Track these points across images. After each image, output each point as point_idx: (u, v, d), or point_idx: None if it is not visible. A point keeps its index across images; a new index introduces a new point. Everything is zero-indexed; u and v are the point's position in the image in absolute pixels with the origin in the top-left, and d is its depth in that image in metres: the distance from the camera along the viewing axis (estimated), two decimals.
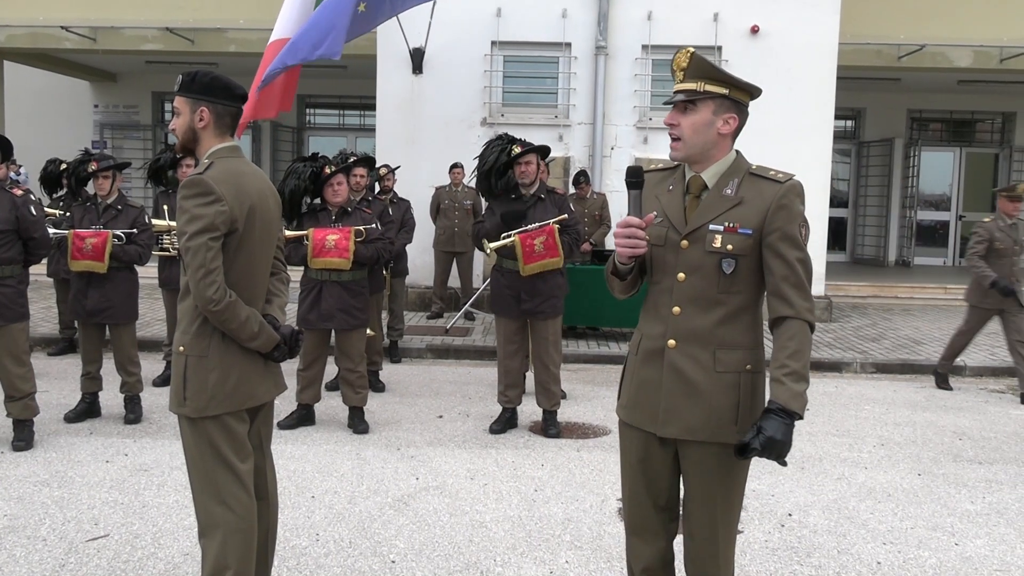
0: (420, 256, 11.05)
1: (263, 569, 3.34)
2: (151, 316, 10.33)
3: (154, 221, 6.87)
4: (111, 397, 6.78)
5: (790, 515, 4.89)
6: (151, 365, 7.94)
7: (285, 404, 6.51)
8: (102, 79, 17.31)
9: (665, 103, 2.69)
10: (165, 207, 7.29)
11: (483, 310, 11.16)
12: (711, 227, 2.64)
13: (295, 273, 5.51)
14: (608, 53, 11.72)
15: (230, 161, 3.12)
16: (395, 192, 9.01)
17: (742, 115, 2.69)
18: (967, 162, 18.06)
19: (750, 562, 4.24)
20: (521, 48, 11.96)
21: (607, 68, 11.74)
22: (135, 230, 6.39)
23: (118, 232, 6.31)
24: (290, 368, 5.73)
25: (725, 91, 2.63)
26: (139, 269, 6.63)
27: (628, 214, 2.66)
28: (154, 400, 6.91)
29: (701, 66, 2.62)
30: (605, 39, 11.66)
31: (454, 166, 10.89)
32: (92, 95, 17.65)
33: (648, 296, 2.80)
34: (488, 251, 6.32)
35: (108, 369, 6.64)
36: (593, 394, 7.74)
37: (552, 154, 8.29)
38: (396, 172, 9.28)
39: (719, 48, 11.71)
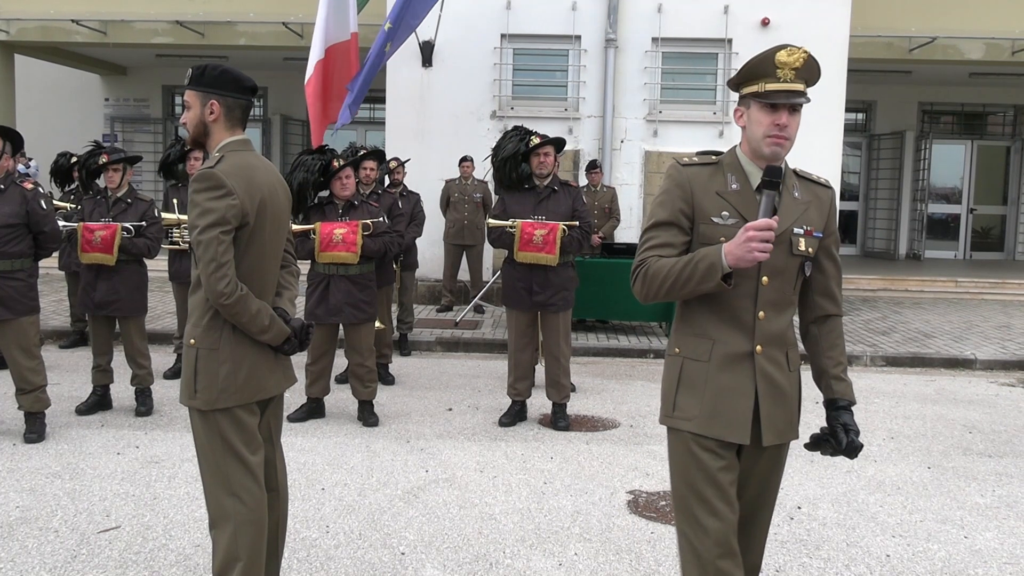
0: (430, 249, 11.06)
1: (273, 561, 3.36)
2: (162, 309, 10.37)
3: (163, 215, 6.90)
4: (122, 390, 6.81)
5: (799, 508, 4.89)
6: (162, 358, 7.98)
7: (295, 397, 6.53)
8: (112, 72, 17.36)
9: (780, 103, 2.55)
10: (175, 201, 7.32)
11: (493, 303, 11.16)
12: (795, 230, 2.62)
13: (302, 267, 5.52)
14: (618, 46, 11.69)
15: (241, 154, 3.12)
16: (405, 185, 9.02)
17: None
18: (978, 155, 17.95)
19: None
20: (531, 41, 11.95)
21: (617, 61, 11.71)
22: (144, 223, 6.42)
23: (127, 225, 6.33)
24: (299, 361, 5.75)
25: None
26: (149, 262, 6.65)
27: (760, 216, 2.49)
28: (165, 393, 6.94)
29: (813, 68, 2.57)
30: (615, 32, 11.64)
31: (464, 159, 10.89)
32: (103, 88, 17.70)
33: (715, 301, 2.63)
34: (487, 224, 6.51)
35: (119, 362, 6.67)
36: (602, 387, 7.74)
37: None
38: (406, 165, 9.29)
39: (729, 41, 11.69)
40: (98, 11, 13.60)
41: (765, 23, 11.60)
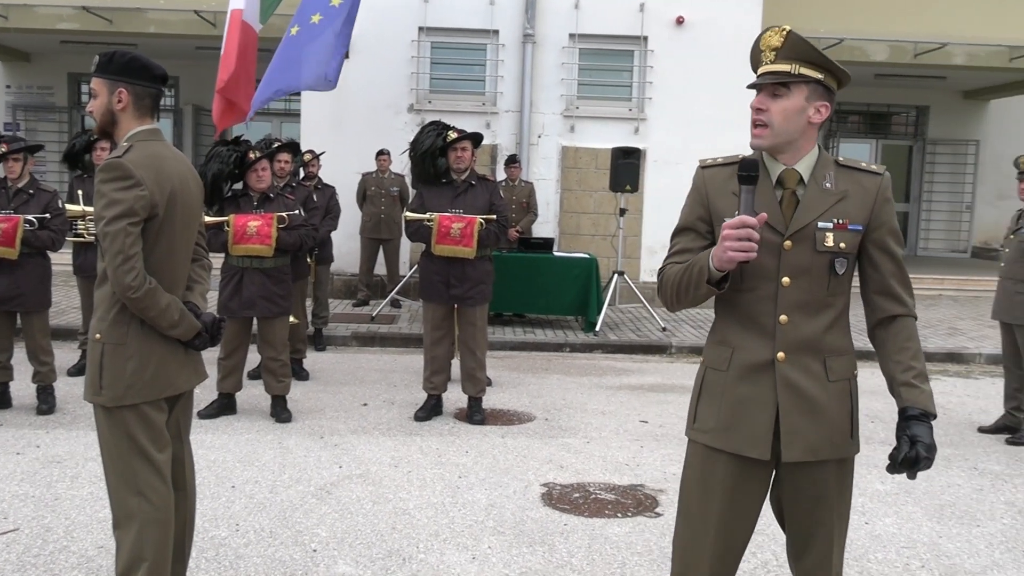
0: (346, 243, 10.96)
1: (180, 561, 3.29)
2: (66, 304, 10.05)
3: (68, 206, 6.69)
4: (23, 387, 6.57)
5: None
6: (65, 354, 7.74)
7: (206, 393, 6.41)
8: (15, 59, 16.71)
9: (750, 86, 2.42)
10: (80, 192, 7.10)
11: (410, 298, 11.12)
12: (820, 224, 2.42)
13: (215, 260, 5.41)
14: (535, 41, 11.75)
15: (150, 144, 3.05)
16: (320, 178, 8.91)
17: (833, 104, 2.46)
18: (883, 154, 18.57)
19: (668, 544, 4.31)
20: (448, 34, 11.93)
21: (534, 56, 11.77)
22: (48, 215, 6.21)
23: (30, 217, 6.12)
24: (211, 356, 5.64)
25: (820, 76, 2.39)
26: (53, 255, 6.45)
27: (738, 212, 2.29)
28: (68, 390, 6.73)
29: (798, 46, 2.37)
30: (533, 27, 11.70)
31: (380, 152, 10.82)
32: (4, 75, 17.03)
33: (734, 305, 2.49)
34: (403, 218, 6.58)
35: (20, 358, 6.45)
36: (518, 381, 7.79)
37: None
38: (321, 158, 9.19)
39: (645, 38, 11.85)
40: None
41: (680, 21, 11.80)
